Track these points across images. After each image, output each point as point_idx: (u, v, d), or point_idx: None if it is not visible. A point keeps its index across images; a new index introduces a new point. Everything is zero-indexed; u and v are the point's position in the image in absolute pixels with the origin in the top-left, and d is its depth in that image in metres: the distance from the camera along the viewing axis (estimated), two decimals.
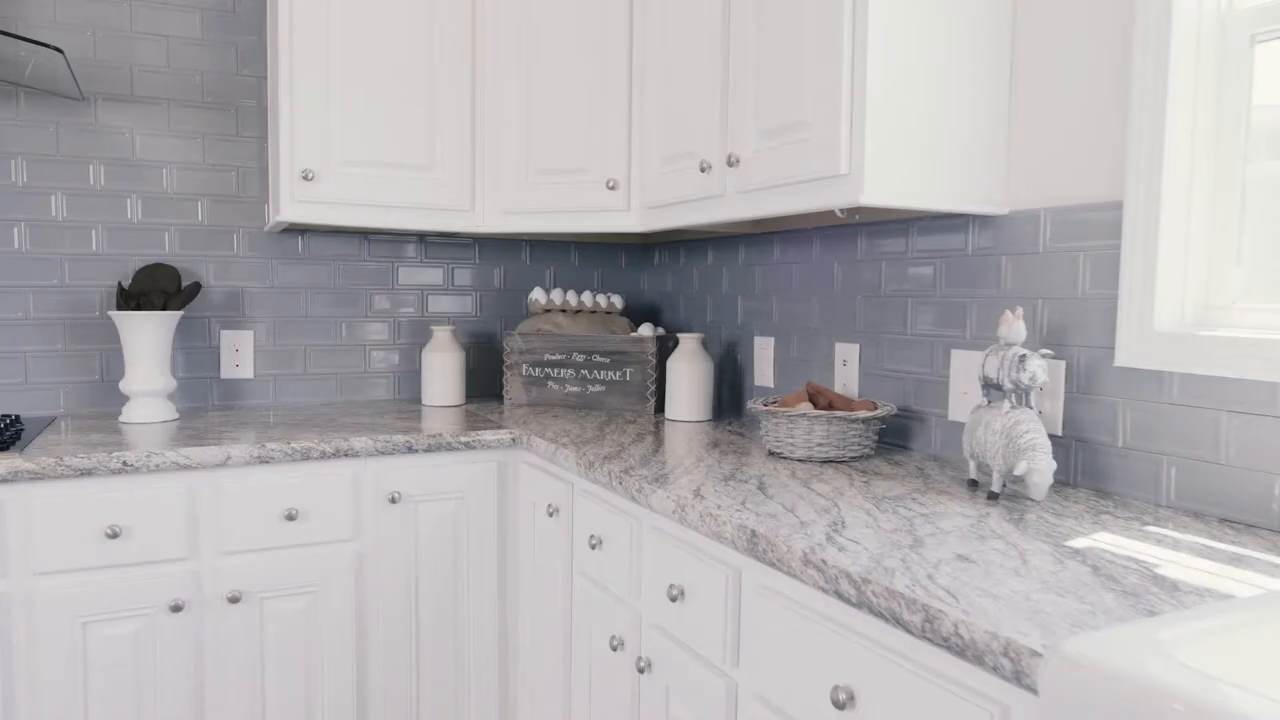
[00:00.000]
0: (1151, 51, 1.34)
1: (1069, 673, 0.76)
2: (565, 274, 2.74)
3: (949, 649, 0.88)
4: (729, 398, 2.41)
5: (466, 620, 2.01)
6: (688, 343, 2.21)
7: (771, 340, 2.23)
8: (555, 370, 2.39)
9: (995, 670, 0.83)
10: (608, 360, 2.35)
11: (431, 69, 2.16)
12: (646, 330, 2.37)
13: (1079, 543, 1.14)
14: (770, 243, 2.24)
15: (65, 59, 1.78)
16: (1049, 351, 1.37)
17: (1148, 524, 1.24)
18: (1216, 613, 0.85)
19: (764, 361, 2.25)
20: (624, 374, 2.34)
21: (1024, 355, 1.35)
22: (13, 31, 2.04)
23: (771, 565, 1.15)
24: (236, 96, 2.29)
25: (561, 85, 2.16)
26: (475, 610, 2.02)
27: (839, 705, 1.02)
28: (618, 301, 2.51)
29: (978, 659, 0.85)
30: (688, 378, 2.18)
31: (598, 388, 2.36)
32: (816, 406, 1.77)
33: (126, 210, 2.20)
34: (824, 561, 1.06)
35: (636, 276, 2.84)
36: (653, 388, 2.31)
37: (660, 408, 2.35)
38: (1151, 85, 1.34)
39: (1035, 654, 0.80)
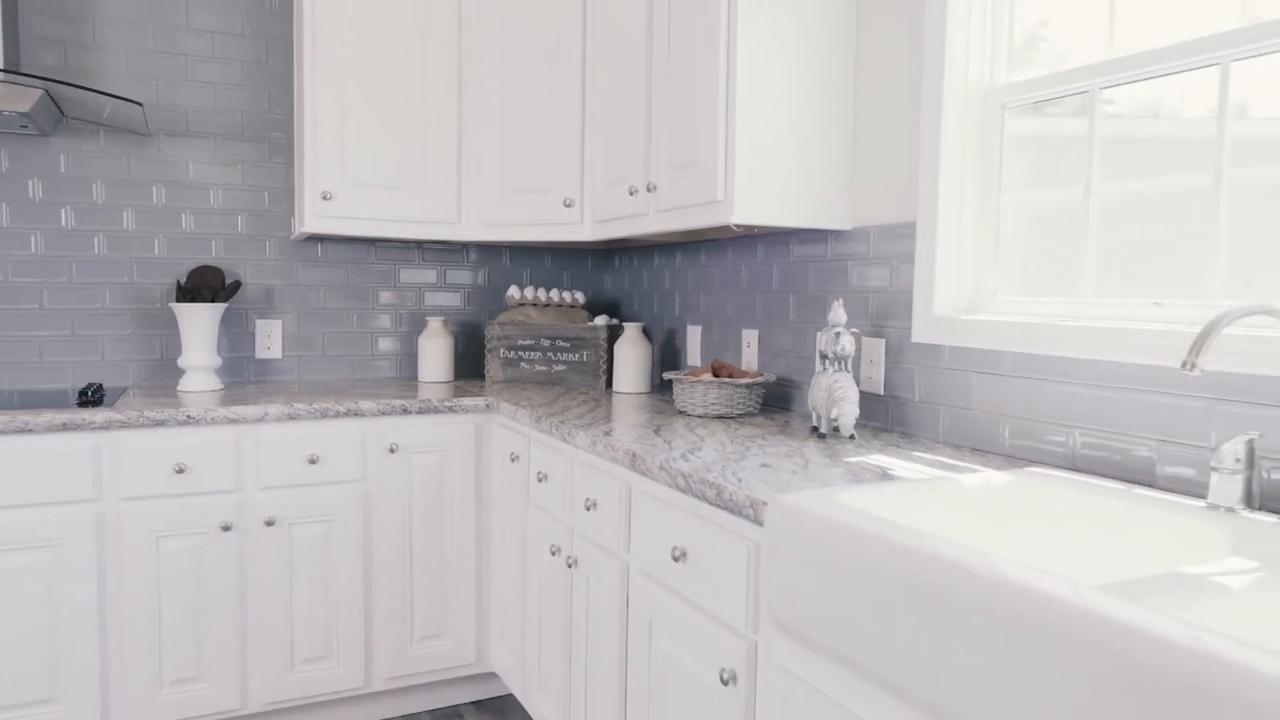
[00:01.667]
0: (931, 118, 1.86)
1: (777, 512, 1.28)
2: (539, 274, 3.27)
3: (728, 509, 1.41)
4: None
5: (450, 543, 2.55)
6: (630, 330, 2.74)
7: (700, 328, 2.75)
8: (526, 353, 2.93)
9: (747, 517, 1.36)
10: (568, 345, 2.88)
11: (425, 109, 2.70)
12: (600, 321, 2.90)
13: (853, 459, 1.66)
14: (699, 250, 2.76)
15: (142, 109, 2.32)
16: (856, 330, 1.90)
17: (915, 451, 1.76)
18: (883, 485, 1.38)
19: (694, 345, 2.78)
20: (581, 356, 2.87)
21: (839, 333, 1.88)
22: (98, 88, 2.59)
23: (643, 475, 1.68)
24: (268, 131, 2.84)
25: (529, 123, 2.69)
26: (457, 536, 2.55)
27: (675, 559, 1.55)
28: (580, 297, 3.05)
29: (739, 512, 1.38)
30: (630, 358, 2.71)
31: (560, 367, 2.89)
32: (717, 377, 2.29)
33: (182, 223, 2.75)
34: (671, 466, 1.58)
35: (600, 276, 3.37)
36: (604, 366, 2.84)
37: (610, 383, 2.88)
38: (931, 142, 1.86)
39: (763, 503, 1.32)
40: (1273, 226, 1.36)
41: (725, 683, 1.41)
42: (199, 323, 2.59)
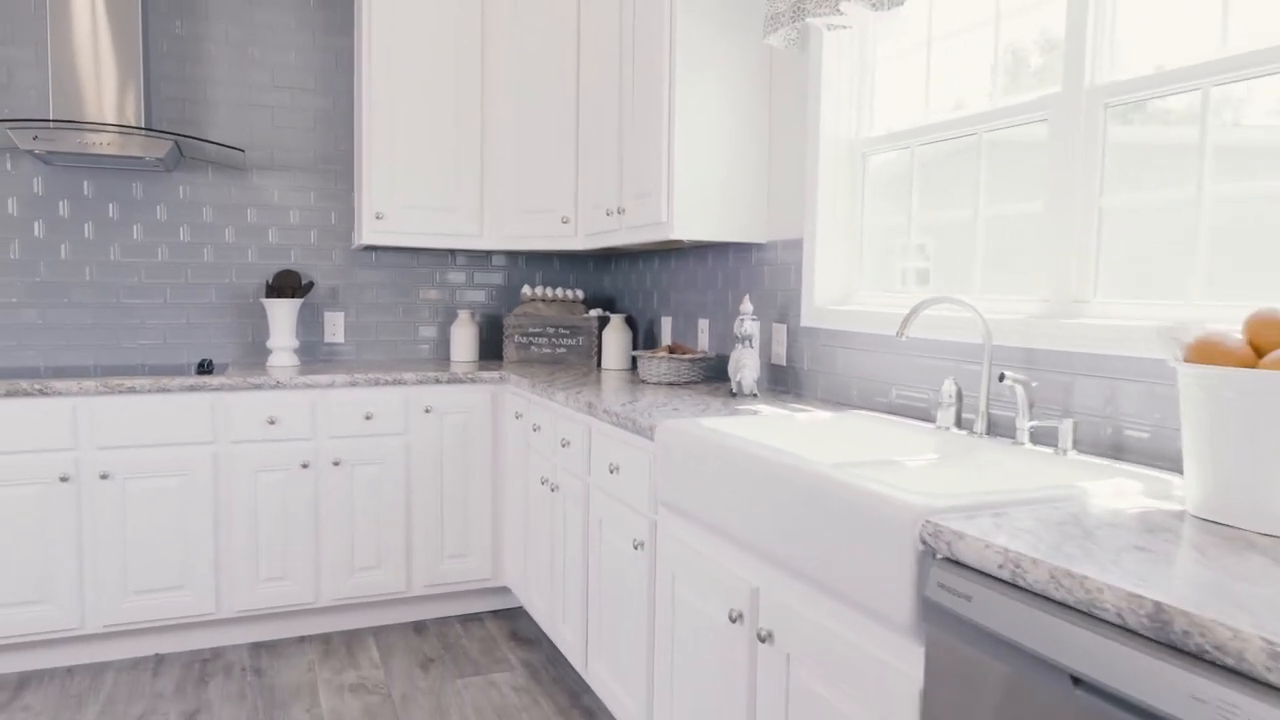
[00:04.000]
0: (812, 162, 2.54)
1: (662, 431, 1.99)
2: (550, 276, 4.01)
3: (639, 433, 2.12)
4: None
5: (472, 483, 3.30)
6: (615, 320, 3.46)
7: (670, 318, 3.46)
8: (536, 339, 3.66)
9: (648, 437, 2.07)
10: (568, 332, 3.61)
11: (457, 150, 3.45)
12: (594, 313, 3.63)
13: (743, 406, 2.36)
14: (669, 257, 3.47)
15: (244, 154, 3.11)
16: (756, 318, 2.59)
17: (793, 404, 2.45)
18: (738, 417, 2.08)
19: (666, 332, 3.49)
20: (578, 340, 3.60)
21: (744, 319, 2.58)
22: (209, 138, 3.40)
23: (596, 417, 2.40)
24: (334, 164, 3.62)
25: (537, 160, 3.43)
26: (477, 477, 3.30)
27: (612, 472, 2.27)
28: (580, 294, 3.78)
29: (644, 434, 2.09)
30: (614, 342, 3.44)
31: (562, 349, 3.63)
32: (672, 354, 3.00)
33: (269, 236, 3.54)
34: (611, 410, 2.30)
35: (600, 277, 4.10)
36: (595, 349, 3.57)
37: (600, 362, 3.60)
38: (812, 179, 2.54)
39: (654, 426, 2.03)
40: (1014, 250, 2.03)
41: (636, 548, 2.13)
42: (282, 314, 3.38)
